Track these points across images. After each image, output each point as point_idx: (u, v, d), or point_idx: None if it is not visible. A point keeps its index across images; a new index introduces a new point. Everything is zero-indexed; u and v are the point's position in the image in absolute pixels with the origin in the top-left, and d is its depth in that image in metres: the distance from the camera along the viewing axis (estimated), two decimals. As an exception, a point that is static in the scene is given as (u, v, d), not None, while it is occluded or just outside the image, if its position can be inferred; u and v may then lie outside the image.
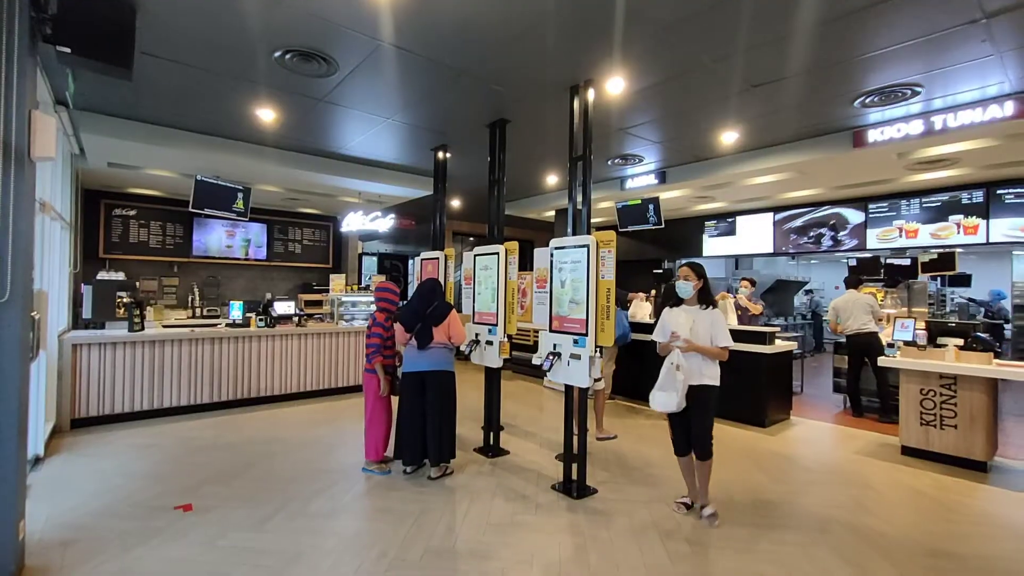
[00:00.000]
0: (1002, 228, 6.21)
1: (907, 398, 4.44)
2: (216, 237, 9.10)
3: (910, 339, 4.56)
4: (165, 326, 6.40)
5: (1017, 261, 11.51)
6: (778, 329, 6.01)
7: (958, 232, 6.50)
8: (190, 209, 6.26)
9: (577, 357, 3.69)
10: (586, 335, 3.63)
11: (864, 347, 5.73)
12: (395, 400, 4.03)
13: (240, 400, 5.88)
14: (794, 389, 6.58)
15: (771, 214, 8.37)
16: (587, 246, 3.66)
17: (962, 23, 3.10)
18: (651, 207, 6.96)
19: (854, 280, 6.24)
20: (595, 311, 3.62)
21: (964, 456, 4.14)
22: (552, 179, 7.76)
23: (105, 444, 4.48)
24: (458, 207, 10.41)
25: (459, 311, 5.21)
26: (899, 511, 3.41)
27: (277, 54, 3.71)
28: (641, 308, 7.84)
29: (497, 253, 4.63)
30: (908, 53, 3.51)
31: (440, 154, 5.84)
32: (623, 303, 6.24)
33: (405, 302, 4.33)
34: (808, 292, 12.93)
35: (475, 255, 4.96)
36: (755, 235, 8.64)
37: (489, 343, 4.63)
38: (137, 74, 4.08)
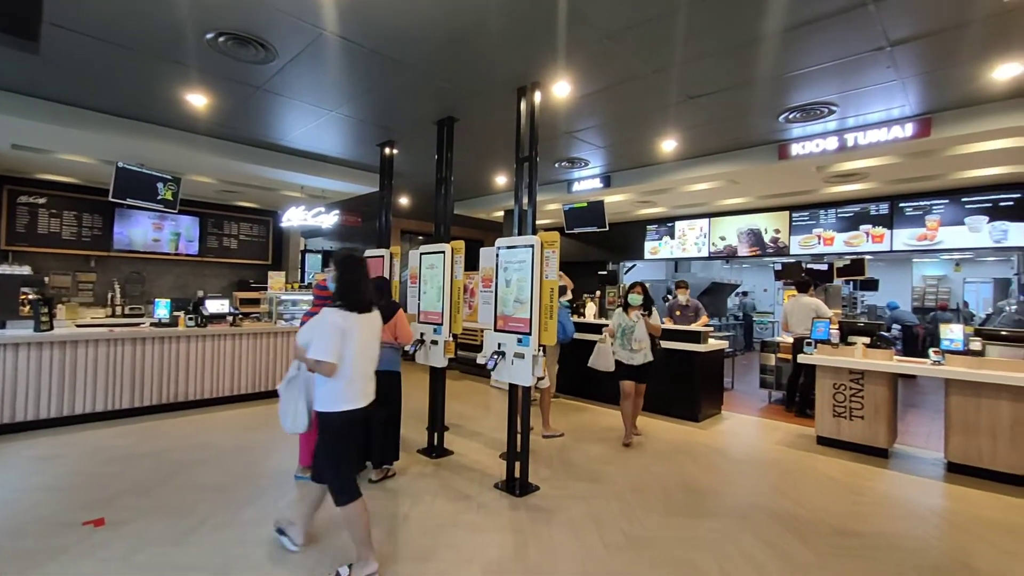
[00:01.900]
0: (903, 238, 6.89)
1: (822, 392, 4.83)
2: (141, 230, 8.45)
3: (825, 338, 4.95)
4: (79, 325, 5.87)
5: (916, 268, 12.81)
6: (712, 329, 6.34)
7: (867, 240, 7.14)
8: (110, 199, 5.79)
9: (521, 356, 3.73)
10: (530, 334, 3.68)
11: (802, 349, 6.07)
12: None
13: (165, 405, 5.49)
14: (725, 385, 6.98)
15: (707, 220, 8.82)
16: (532, 246, 3.71)
17: (870, 49, 3.42)
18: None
19: (804, 284, 6.38)
20: (539, 310, 3.68)
21: (869, 444, 4.56)
22: (501, 179, 7.80)
23: None
24: (406, 205, 10.24)
25: (404, 310, 5.14)
26: (813, 495, 3.70)
27: (209, 36, 3.51)
28: (586, 309, 8.08)
29: (443, 252, 4.60)
30: (825, 74, 3.83)
31: (387, 150, 5.74)
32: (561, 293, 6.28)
33: None
34: (740, 295, 13.75)
35: (421, 253, 4.91)
36: (692, 239, 9.08)
37: (434, 342, 4.59)
38: (46, 47, 3.74)
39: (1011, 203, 6.11)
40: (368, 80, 4.21)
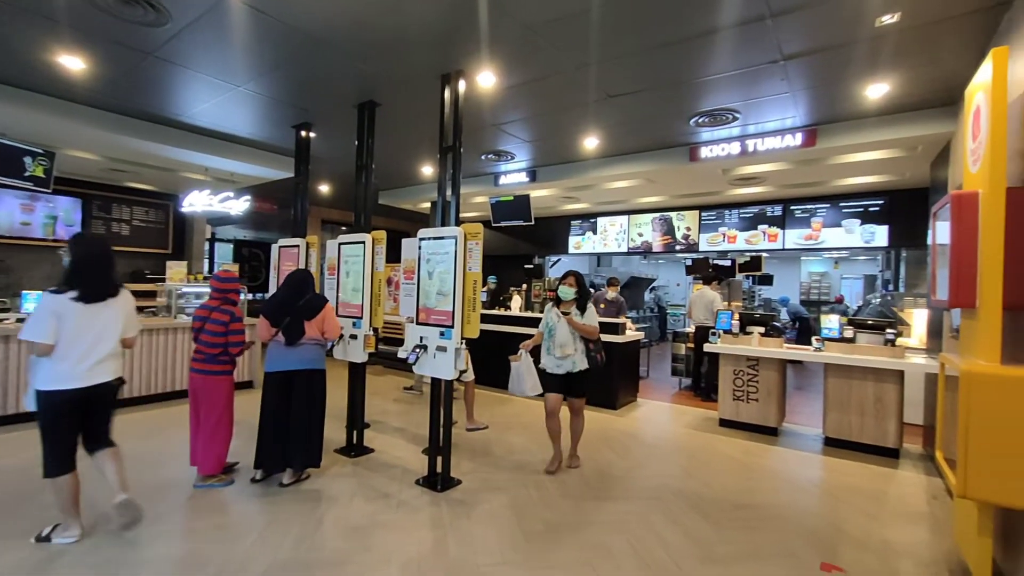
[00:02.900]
0: (793, 237, 7.66)
1: (724, 378, 5.25)
2: (6, 211, 7.32)
3: (728, 328, 5.38)
4: (-84, 322, 4.97)
5: (804, 265, 14.31)
6: (629, 321, 6.66)
7: (764, 239, 7.85)
8: (-42, 173, 4.95)
9: (443, 349, 3.68)
10: (452, 327, 3.64)
11: (705, 337, 6.57)
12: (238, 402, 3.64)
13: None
14: (641, 374, 7.37)
15: (627, 216, 9.24)
16: (455, 237, 3.66)
17: (766, 62, 3.73)
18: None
19: (708, 278, 6.99)
20: (462, 303, 3.65)
21: (762, 424, 5.03)
22: (427, 170, 7.64)
23: None
24: (327, 193, 9.73)
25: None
26: (714, 474, 4.01)
27: (85, -10, 3.08)
28: (512, 301, 8.18)
29: (363, 242, 4.42)
30: (730, 82, 4.12)
31: (303, 132, 5.39)
32: None
33: (270, 294, 3.93)
34: (656, 288, 14.58)
35: (340, 244, 4.68)
36: (613, 235, 9.47)
37: (353, 337, 4.40)
38: None
39: (877, 208, 7.00)
40: (279, 55, 3.91)
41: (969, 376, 2.26)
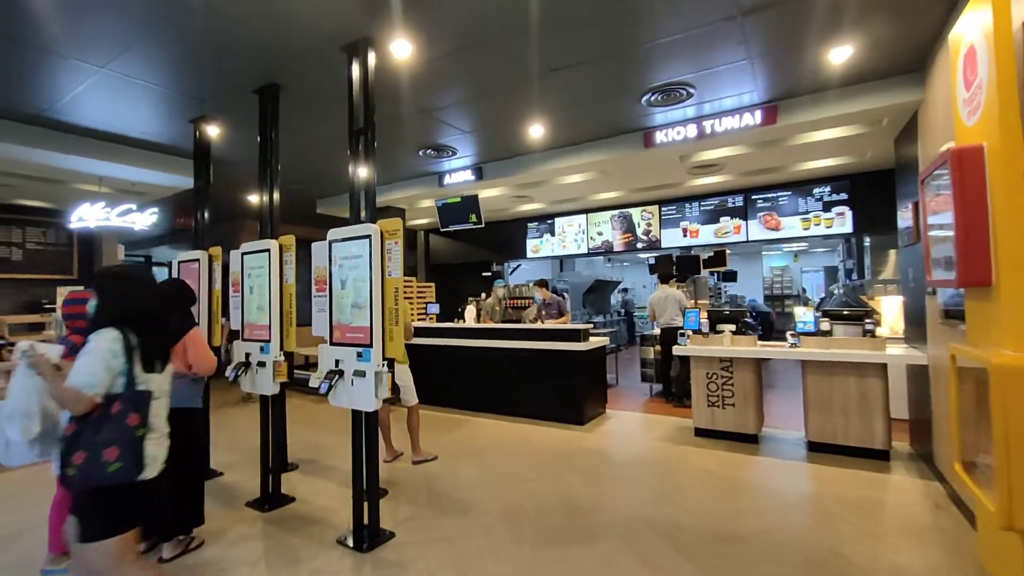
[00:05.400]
0: (756, 228, 7.32)
1: (697, 382, 4.75)
2: None
3: (697, 328, 4.90)
4: None
5: (765, 260, 14.26)
6: (591, 326, 6.13)
7: (730, 232, 7.49)
8: None
9: (362, 374, 3.01)
10: (371, 346, 2.97)
11: (671, 339, 6.11)
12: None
13: None
14: (609, 382, 6.84)
15: (584, 215, 8.77)
16: (369, 237, 3.01)
17: (722, 18, 3.25)
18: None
19: (665, 276, 6.58)
20: (381, 316, 2.99)
21: (741, 431, 4.55)
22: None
23: None
24: (258, 203, 8.81)
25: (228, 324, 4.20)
26: (693, 496, 3.47)
27: None
28: (467, 312, 7.57)
29: (268, 250, 3.71)
30: (682, 48, 3.62)
31: (201, 127, 4.63)
32: None
33: None
34: (622, 291, 14.23)
35: (242, 253, 3.95)
36: (572, 236, 8.98)
37: (261, 364, 3.66)
38: None
39: (840, 194, 6.74)
40: (138, 16, 3.12)
41: (1002, 371, 1.78)
